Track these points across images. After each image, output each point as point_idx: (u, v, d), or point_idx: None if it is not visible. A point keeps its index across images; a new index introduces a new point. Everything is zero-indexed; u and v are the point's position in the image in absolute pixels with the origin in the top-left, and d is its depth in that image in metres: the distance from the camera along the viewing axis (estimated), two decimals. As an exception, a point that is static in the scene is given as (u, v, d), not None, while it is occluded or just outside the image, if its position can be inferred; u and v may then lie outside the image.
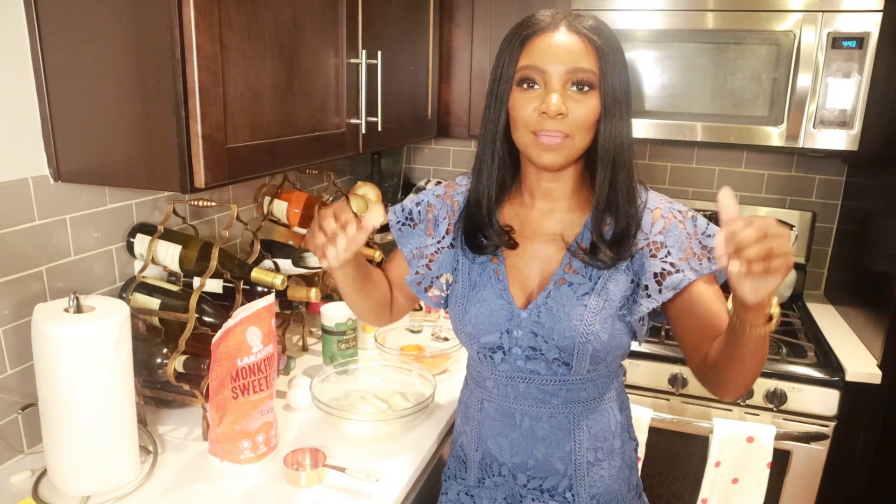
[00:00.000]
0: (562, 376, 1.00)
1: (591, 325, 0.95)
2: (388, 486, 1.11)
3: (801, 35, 1.69)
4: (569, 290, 0.97)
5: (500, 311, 1.00)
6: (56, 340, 0.95)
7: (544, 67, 0.90)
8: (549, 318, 0.97)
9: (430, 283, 1.10)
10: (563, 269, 0.99)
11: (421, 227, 1.10)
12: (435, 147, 2.54)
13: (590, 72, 0.89)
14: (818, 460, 1.71)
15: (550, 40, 0.90)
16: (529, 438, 1.03)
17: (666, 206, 0.99)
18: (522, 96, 0.92)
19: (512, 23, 0.96)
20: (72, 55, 1.03)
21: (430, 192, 1.12)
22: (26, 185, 1.10)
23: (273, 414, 1.17)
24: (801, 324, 2.00)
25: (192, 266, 1.27)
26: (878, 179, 1.85)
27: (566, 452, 1.03)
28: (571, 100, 0.90)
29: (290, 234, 1.73)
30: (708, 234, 0.97)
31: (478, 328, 1.01)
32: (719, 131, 1.81)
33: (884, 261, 1.76)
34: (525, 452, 1.04)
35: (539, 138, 0.92)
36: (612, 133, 0.92)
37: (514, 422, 1.04)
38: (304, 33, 1.22)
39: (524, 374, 1.01)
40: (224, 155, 1.04)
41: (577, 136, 0.92)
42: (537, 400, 1.02)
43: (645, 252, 0.97)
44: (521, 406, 1.03)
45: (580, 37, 0.90)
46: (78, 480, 1.02)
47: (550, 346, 0.98)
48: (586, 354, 0.96)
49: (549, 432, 1.02)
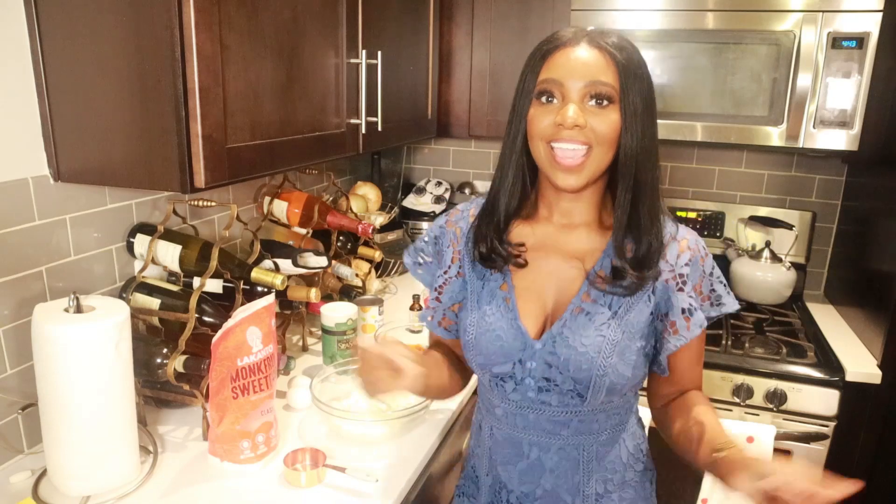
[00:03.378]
0: (574, 408, 0.96)
1: (608, 357, 0.91)
2: (388, 486, 1.11)
3: (801, 35, 1.69)
4: (586, 320, 0.93)
5: (512, 342, 0.96)
6: (56, 340, 0.95)
7: (562, 81, 0.88)
8: (564, 349, 0.93)
9: (442, 315, 1.06)
10: (580, 297, 0.95)
11: (434, 261, 1.08)
12: (435, 147, 2.54)
13: (609, 86, 0.87)
14: (818, 460, 1.71)
15: (570, 54, 0.89)
16: (538, 469, 1.00)
17: (692, 238, 0.97)
18: (540, 109, 0.91)
19: (512, 23, 0.96)
20: (72, 55, 1.03)
21: (436, 224, 1.08)
22: (26, 185, 1.10)
23: (273, 414, 1.17)
24: (801, 324, 2.00)
25: (192, 266, 1.27)
26: (878, 179, 1.85)
27: (574, 484, 0.99)
28: (590, 113, 0.88)
29: (290, 234, 1.73)
30: (718, 279, 0.99)
31: (489, 358, 0.97)
32: (719, 131, 1.81)
33: (884, 261, 1.76)
34: (533, 482, 1.01)
35: (556, 155, 0.89)
36: (633, 149, 0.90)
37: (523, 451, 1.00)
38: (304, 33, 1.22)
39: (534, 405, 0.97)
40: (224, 155, 1.04)
41: (597, 148, 0.89)
42: (546, 431, 0.98)
43: (671, 286, 0.94)
44: (530, 436, 0.99)
45: (601, 51, 0.88)
46: (78, 480, 1.02)
47: (565, 378, 0.94)
48: (603, 387, 0.93)
49: (557, 463, 0.99)
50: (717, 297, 0.98)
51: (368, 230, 1.65)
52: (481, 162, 2.51)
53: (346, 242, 1.83)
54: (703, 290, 0.97)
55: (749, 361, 1.76)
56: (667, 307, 0.95)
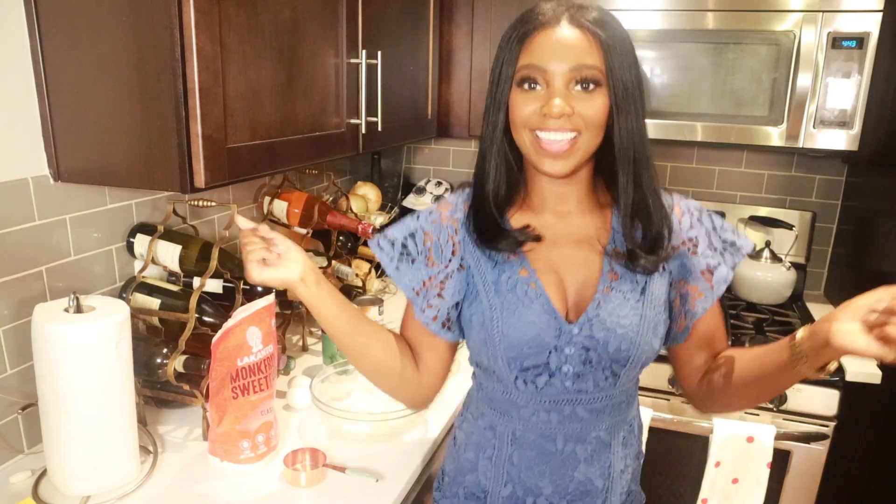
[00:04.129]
0: (608, 391, 0.94)
1: (645, 334, 0.90)
2: (388, 486, 1.11)
3: (801, 35, 1.69)
4: (620, 298, 0.90)
5: (547, 329, 0.90)
6: (56, 340, 0.95)
7: (545, 66, 0.84)
8: (602, 331, 0.89)
9: (447, 314, 0.97)
10: (606, 276, 0.92)
11: (420, 259, 0.96)
12: (435, 147, 2.54)
13: (594, 68, 0.83)
14: (818, 460, 1.71)
15: (551, 36, 0.84)
16: (572, 461, 0.96)
17: (684, 203, 0.97)
18: (522, 97, 0.86)
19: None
20: (72, 55, 1.03)
21: (420, 219, 0.98)
22: (26, 185, 1.10)
23: (273, 414, 1.17)
24: (802, 324, 1.99)
25: (192, 266, 1.27)
26: (878, 179, 1.85)
27: (605, 467, 0.97)
28: (576, 99, 0.84)
29: (290, 234, 1.73)
30: (723, 227, 0.97)
31: (520, 351, 0.90)
32: (719, 131, 1.81)
33: (884, 261, 1.76)
34: (566, 476, 0.96)
35: (542, 142, 0.85)
36: (628, 129, 0.86)
37: (556, 447, 0.96)
38: (304, 33, 1.22)
39: (570, 396, 0.93)
40: (224, 155, 1.04)
41: (586, 133, 0.85)
42: (583, 421, 0.95)
43: (683, 251, 0.93)
44: (566, 430, 0.95)
45: (583, 31, 0.83)
46: (78, 480, 1.02)
47: (602, 361, 0.91)
48: (639, 364, 0.92)
49: (591, 452, 0.96)
50: (732, 244, 0.96)
51: (368, 230, 1.65)
52: (481, 162, 2.51)
53: (346, 242, 1.83)
54: (716, 244, 0.95)
55: (749, 361, 1.76)
56: (682, 273, 0.94)
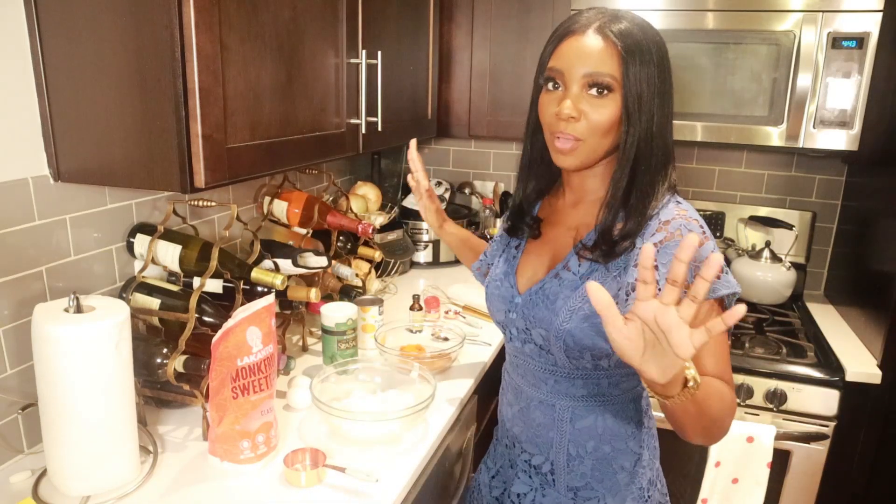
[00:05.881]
0: (549, 365, 1.05)
1: (565, 322, 0.98)
2: (388, 486, 1.11)
3: (801, 35, 1.69)
4: (557, 285, 1.00)
5: (504, 293, 1.09)
6: (56, 340, 0.95)
7: (564, 70, 0.92)
8: (535, 309, 1.02)
9: (486, 268, 1.27)
10: (563, 265, 1.02)
11: None
12: (435, 147, 2.54)
13: (608, 75, 0.90)
14: (818, 460, 1.71)
15: (577, 42, 0.92)
16: (526, 414, 1.11)
17: (679, 221, 0.91)
18: (546, 97, 0.96)
19: (512, 23, 0.98)
20: (72, 55, 1.03)
21: None
22: (26, 185, 1.10)
23: (273, 414, 1.17)
24: (801, 324, 2.00)
25: (192, 266, 1.27)
26: (878, 179, 1.86)
27: (549, 440, 1.08)
28: (587, 103, 0.92)
29: (290, 234, 1.73)
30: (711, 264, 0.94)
31: (490, 305, 1.13)
32: (719, 131, 1.81)
33: (884, 261, 1.76)
34: (523, 424, 1.12)
35: (555, 141, 0.95)
36: (635, 136, 0.92)
37: (519, 395, 1.12)
38: (304, 33, 1.22)
39: (521, 356, 1.09)
40: (224, 155, 1.04)
41: (589, 139, 0.93)
42: (530, 383, 1.09)
43: (633, 257, 0.93)
44: (522, 383, 1.11)
45: (605, 40, 0.90)
46: (78, 480, 1.02)
47: (536, 335, 1.03)
48: (560, 349, 1.00)
49: (538, 417, 1.09)
50: None
51: (368, 230, 1.65)
52: (481, 162, 2.52)
53: (346, 242, 1.83)
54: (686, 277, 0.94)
55: (749, 361, 1.76)
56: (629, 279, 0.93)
